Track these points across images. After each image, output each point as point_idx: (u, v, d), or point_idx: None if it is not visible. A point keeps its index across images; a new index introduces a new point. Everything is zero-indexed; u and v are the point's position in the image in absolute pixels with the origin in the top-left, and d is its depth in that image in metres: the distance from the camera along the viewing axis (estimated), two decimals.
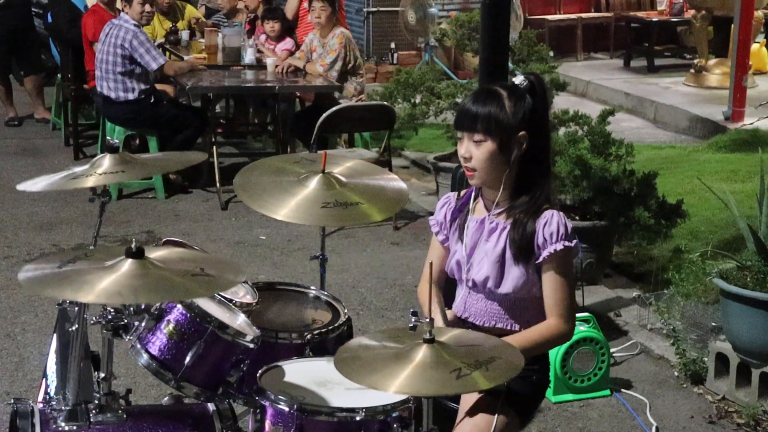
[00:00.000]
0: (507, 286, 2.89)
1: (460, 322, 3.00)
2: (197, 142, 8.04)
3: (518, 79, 2.93)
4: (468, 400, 2.96)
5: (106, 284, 2.54)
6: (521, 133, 2.85)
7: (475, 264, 2.94)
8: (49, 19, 9.07)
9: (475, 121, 2.85)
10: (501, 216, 2.92)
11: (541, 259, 2.85)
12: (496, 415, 2.87)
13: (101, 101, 7.83)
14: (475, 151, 2.86)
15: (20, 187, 3.19)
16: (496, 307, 2.95)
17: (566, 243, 2.83)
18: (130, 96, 7.61)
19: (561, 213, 2.88)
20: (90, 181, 3.06)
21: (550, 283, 2.86)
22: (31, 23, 9.88)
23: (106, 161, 3.13)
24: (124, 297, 2.58)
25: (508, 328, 2.94)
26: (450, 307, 3.04)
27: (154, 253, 2.73)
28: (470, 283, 2.96)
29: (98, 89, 7.73)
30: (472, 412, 2.92)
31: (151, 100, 7.72)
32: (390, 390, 2.36)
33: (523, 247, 2.86)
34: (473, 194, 3.02)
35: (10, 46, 9.63)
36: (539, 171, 2.92)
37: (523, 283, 2.89)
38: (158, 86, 8.07)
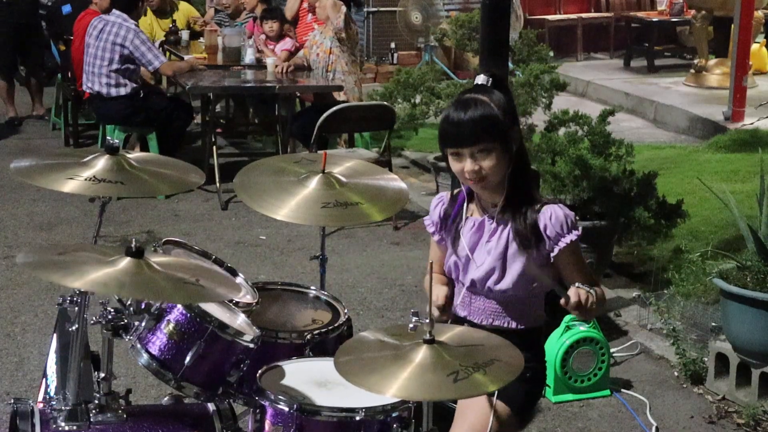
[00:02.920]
0: (506, 283, 2.90)
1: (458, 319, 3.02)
2: (197, 144, 8.06)
3: (481, 79, 2.91)
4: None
5: (97, 275, 2.54)
6: (515, 129, 2.88)
7: (475, 264, 2.94)
8: (67, 9, 8.99)
9: (475, 130, 2.80)
10: (500, 215, 2.93)
11: (556, 251, 2.87)
12: (492, 414, 2.87)
13: (92, 100, 7.81)
14: (483, 161, 2.82)
15: (13, 165, 3.17)
16: (494, 306, 2.96)
17: (576, 233, 2.89)
18: (122, 91, 7.60)
19: (560, 204, 2.92)
20: (89, 190, 3.05)
21: (571, 269, 2.91)
22: (38, 22, 9.85)
23: (103, 163, 3.11)
24: (108, 287, 2.57)
25: (506, 325, 2.94)
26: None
27: (156, 258, 2.73)
28: (468, 283, 2.97)
29: (88, 85, 7.68)
30: (468, 411, 2.92)
31: (141, 95, 7.71)
32: (387, 394, 2.36)
33: (528, 235, 2.87)
34: (467, 195, 3.02)
35: (15, 44, 9.62)
36: (526, 163, 2.95)
37: (523, 281, 2.90)
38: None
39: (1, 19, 9.54)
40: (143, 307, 2.88)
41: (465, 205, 3.00)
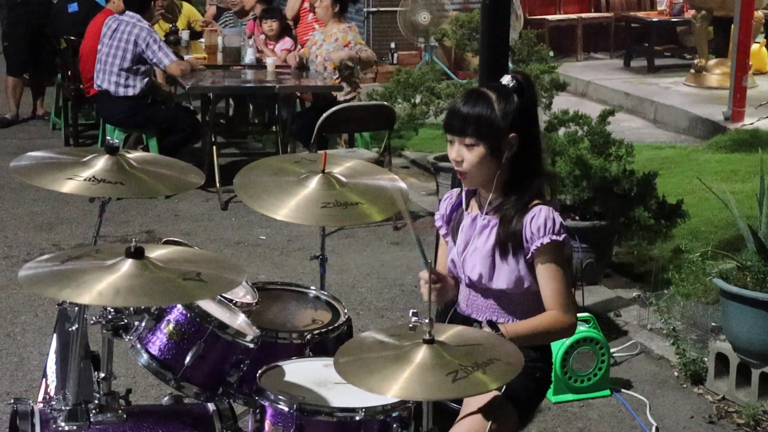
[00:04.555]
0: (500, 282, 2.91)
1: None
2: (197, 146, 8.05)
3: (506, 79, 2.92)
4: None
5: (96, 287, 2.53)
6: (511, 135, 2.86)
7: (468, 260, 2.96)
8: (74, 8, 8.99)
9: (465, 124, 2.86)
10: (492, 213, 2.94)
11: (529, 254, 2.86)
12: (494, 412, 2.87)
13: (99, 98, 7.82)
14: (466, 154, 2.87)
15: (13, 165, 3.17)
16: (493, 303, 2.96)
17: (553, 237, 2.83)
18: (130, 92, 7.63)
19: (550, 208, 2.89)
20: (89, 190, 3.04)
21: (543, 278, 2.87)
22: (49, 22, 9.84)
23: (103, 163, 3.11)
24: (104, 297, 2.54)
25: (508, 323, 2.94)
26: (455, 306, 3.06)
27: (155, 253, 2.72)
28: (467, 281, 2.98)
29: (98, 83, 7.72)
30: (471, 407, 2.92)
31: (148, 101, 7.73)
32: (387, 394, 2.36)
33: (509, 244, 2.87)
34: (470, 192, 3.04)
35: (27, 44, 9.60)
36: (530, 170, 2.93)
37: (515, 278, 2.90)
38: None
39: (15, 19, 9.55)
40: (143, 307, 2.88)
41: (466, 200, 3.02)
